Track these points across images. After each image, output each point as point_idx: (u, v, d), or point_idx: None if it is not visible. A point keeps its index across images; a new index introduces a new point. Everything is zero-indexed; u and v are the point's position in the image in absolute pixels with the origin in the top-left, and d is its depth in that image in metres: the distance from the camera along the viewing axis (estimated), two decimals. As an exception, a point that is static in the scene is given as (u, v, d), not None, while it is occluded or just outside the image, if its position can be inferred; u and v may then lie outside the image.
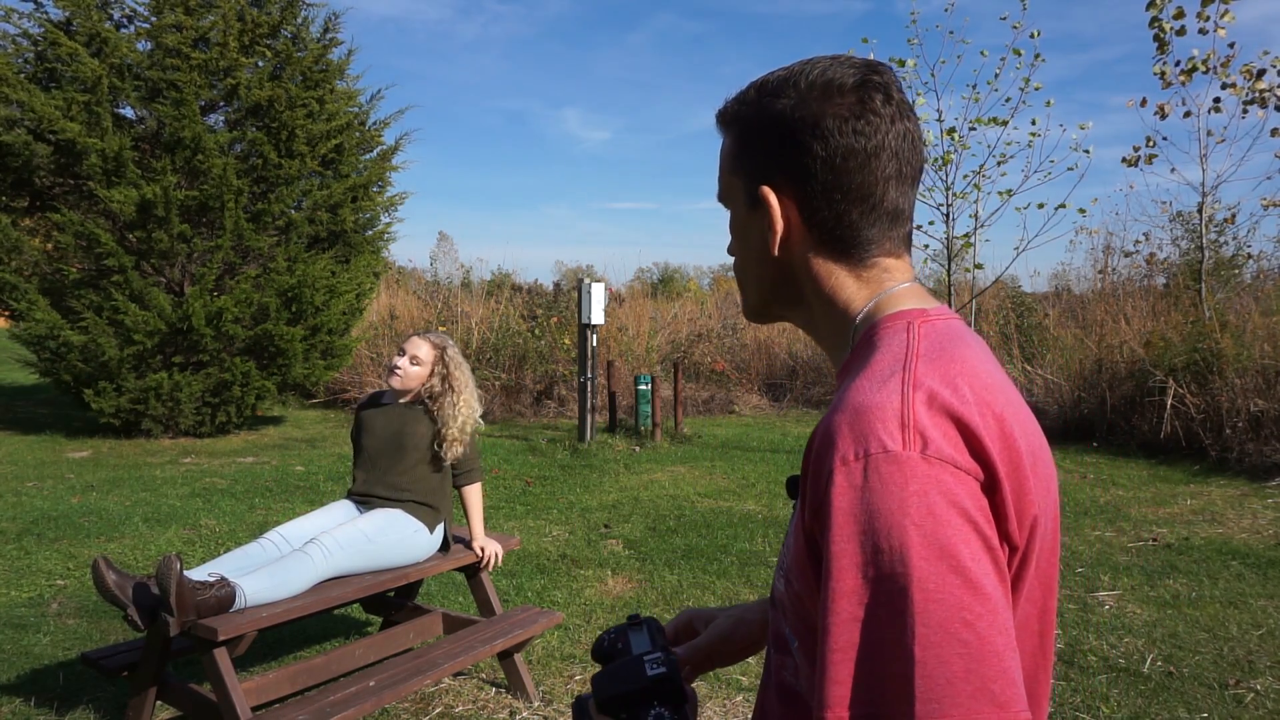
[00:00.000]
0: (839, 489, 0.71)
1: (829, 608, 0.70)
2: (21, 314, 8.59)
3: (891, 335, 0.82)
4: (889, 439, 0.71)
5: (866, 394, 0.75)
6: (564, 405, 11.20)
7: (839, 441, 0.73)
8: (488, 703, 3.30)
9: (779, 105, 0.86)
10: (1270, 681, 3.42)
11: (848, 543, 0.70)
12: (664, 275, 38.13)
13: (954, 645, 0.66)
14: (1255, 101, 8.66)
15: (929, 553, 0.68)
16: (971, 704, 0.65)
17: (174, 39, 8.63)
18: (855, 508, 0.70)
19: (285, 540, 3.03)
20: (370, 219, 10.33)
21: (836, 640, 0.69)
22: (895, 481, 0.70)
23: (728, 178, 0.93)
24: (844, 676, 0.69)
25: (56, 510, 5.95)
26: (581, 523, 5.87)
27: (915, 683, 0.65)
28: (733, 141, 0.91)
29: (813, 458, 0.76)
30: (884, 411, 0.73)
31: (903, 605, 0.67)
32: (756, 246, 0.90)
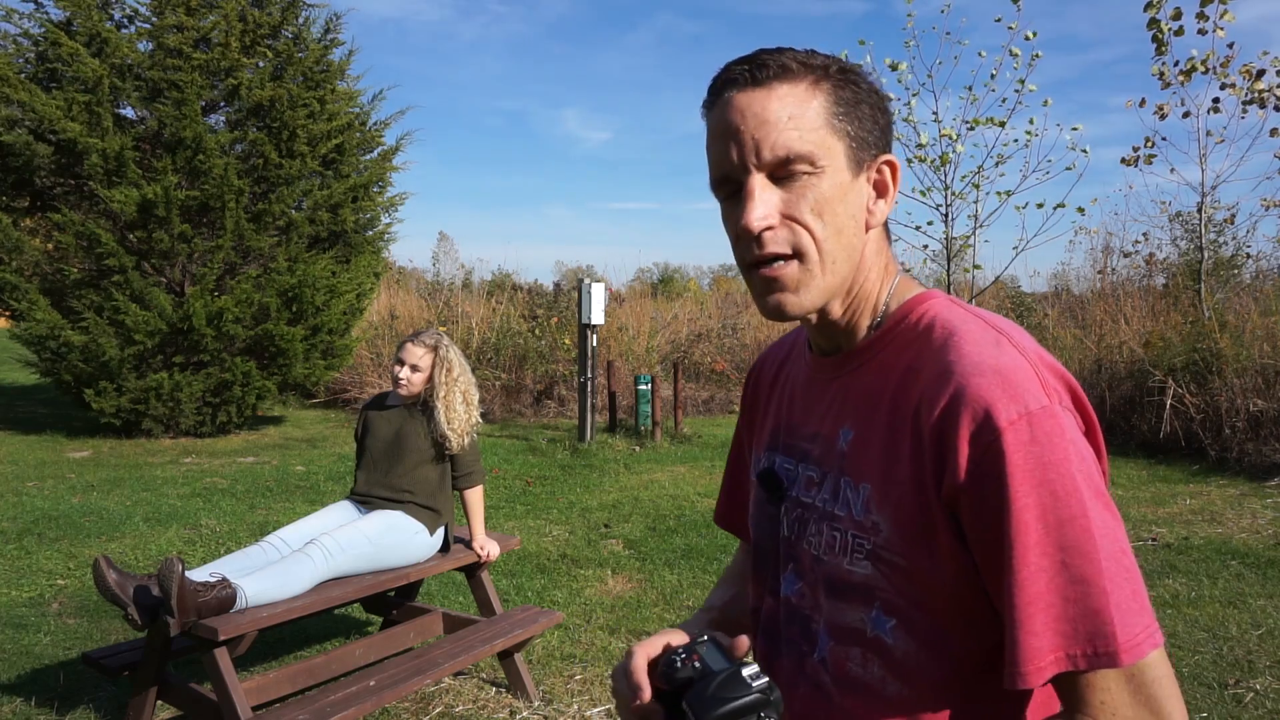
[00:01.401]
0: (1012, 446, 0.74)
1: (1015, 563, 0.73)
2: (22, 314, 8.60)
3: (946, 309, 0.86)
4: (1039, 397, 0.76)
5: (997, 357, 0.78)
6: (564, 405, 11.21)
7: (996, 403, 0.75)
8: (488, 703, 3.30)
9: (867, 84, 0.87)
10: (1270, 681, 3.43)
11: (1028, 497, 0.73)
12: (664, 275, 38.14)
13: (1124, 573, 0.73)
14: (1254, 101, 8.66)
15: (1091, 493, 0.74)
16: (1145, 618, 0.73)
17: (175, 39, 8.63)
18: (1030, 462, 0.73)
19: (286, 543, 3.03)
20: (371, 219, 10.34)
21: (1026, 594, 0.73)
22: (1056, 434, 0.75)
23: (820, 134, 0.82)
24: (1039, 627, 0.73)
25: (57, 510, 5.95)
26: (581, 523, 5.87)
27: (1111, 614, 0.72)
28: (838, 99, 0.84)
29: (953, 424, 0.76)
30: (1023, 373, 0.77)
31: (1089, 546, 0.73)
32: (854, 216, 0.85)
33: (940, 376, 0.79)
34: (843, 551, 0.84)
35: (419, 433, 3.32)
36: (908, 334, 0.86)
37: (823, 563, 0.87)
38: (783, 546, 0.94)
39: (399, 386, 3.35)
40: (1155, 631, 0.73)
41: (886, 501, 0.81)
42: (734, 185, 0.84)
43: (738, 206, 0.84)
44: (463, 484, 3.41)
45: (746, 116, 0.82)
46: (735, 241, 0.86)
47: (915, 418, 0.80)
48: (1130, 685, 0.73)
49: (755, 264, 0.84)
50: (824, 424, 0.91)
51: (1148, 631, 0.73)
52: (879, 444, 0.83)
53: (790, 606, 0.92)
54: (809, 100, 0.82)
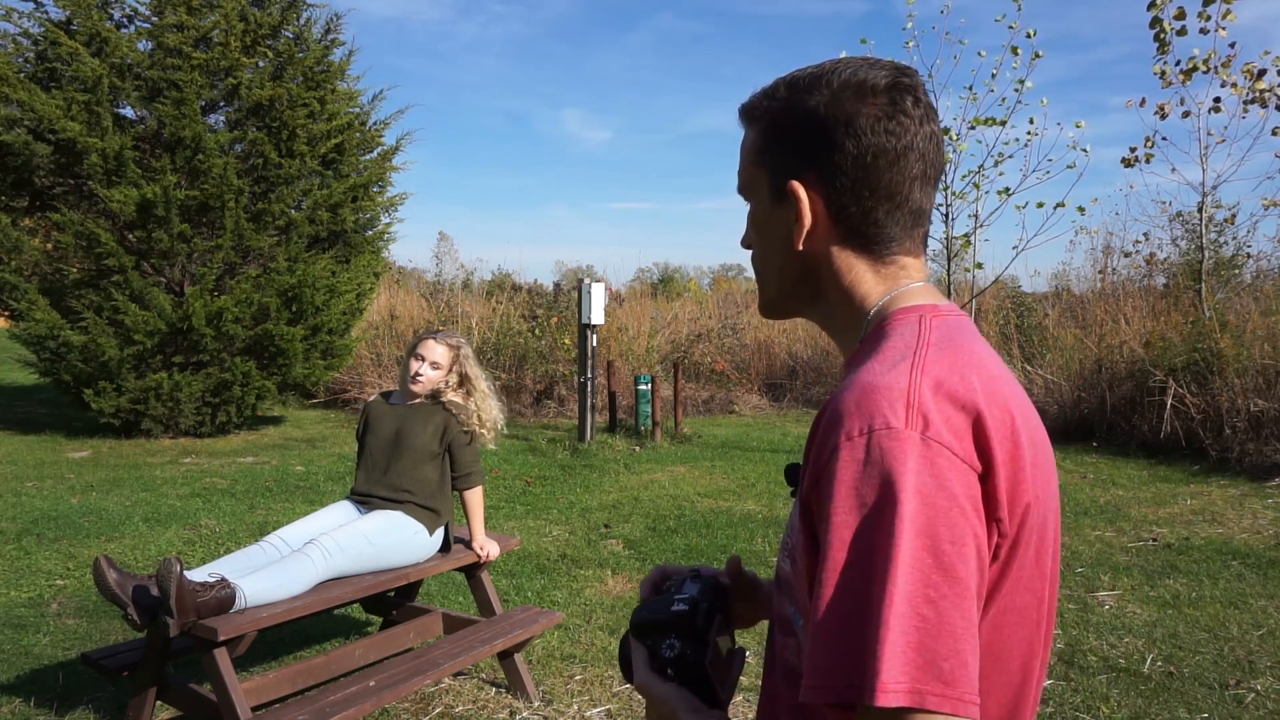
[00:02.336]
0: (842, 462, 0.73)
1: (823, 579, 0.72)
2: (21, 314, 8.59)
3: (904, 326, 0.85)
4: (893, 417, 0.74)
5: (875, 375, 0.78)
6: (564, 405, 11.20)
7: (845, 418, 0.75)
8: (488, 703, 3.30)
9: (811, 102, 0.87)
10: (1270, 682, 3.42)
11: (847, 514, 0.72)
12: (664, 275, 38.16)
13: (915, 620, 0.68)
14: (1255, 101, 8.66)
15: (914, 530, 0.70)
16: (920, 677, 0.67)
17: (175, 39, 8.63)
18: (856, 481, 0.72)
19: (286, 543, 3.03)
20: (370, 219, 10.34)
21: (825, 612, 0.72)
22: (897, 458, 0.72)
23: (751, 170, 0.93)
24: (830, 646, 0.71)
25: (56, 510, 5.95)
26: (581, 523, 5.87)
27: (882, 650, 0.68)
28: (758, 135, 0.92)
29: (818, 434, 0.79)
30: (890, 391, 0.76)
31: (884, 578, 0.69)
32: (779, 240, 0.91)
33: (839, 388, 0.82)
34: (783, 550, 0.90)
35: (420, 432, 3.31)
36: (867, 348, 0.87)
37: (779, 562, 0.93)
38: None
39: (414, 383, 3.34)
40: (928, 693, 0.67)
41: (799, 506, 0.83)
42: None
43: None
44: (462, 485, 3.40)
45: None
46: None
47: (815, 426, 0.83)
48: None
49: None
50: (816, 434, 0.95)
51: (916, 687, 0.66)
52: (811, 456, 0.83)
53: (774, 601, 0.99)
54: (751, 140, 0.93)
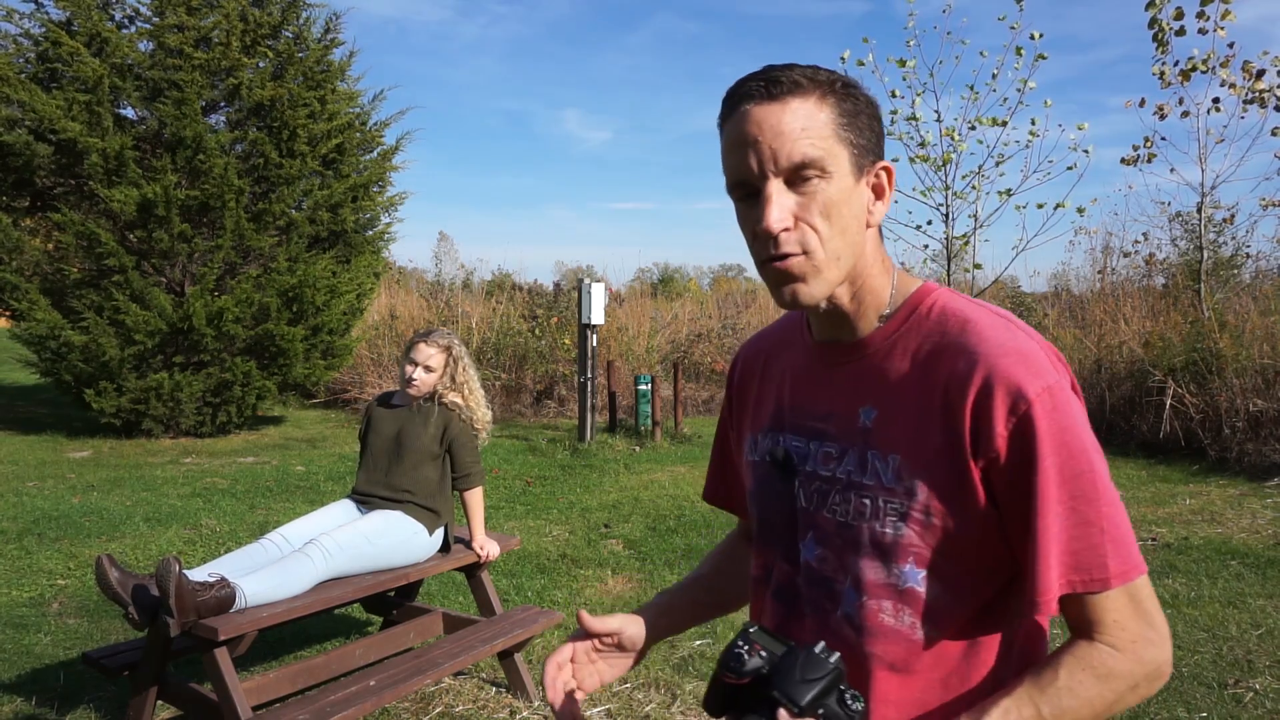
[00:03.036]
0: (1040, 414, 0.88)
1: (1039, 512, 0.88)
2: (22, 314, 8.60)
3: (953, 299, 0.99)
4: (1055, 373, 0.91)
5: (1014, 341, 0.92)
6: (564, 405, 11.21)
7: (1024, 380, 0.89)
8: (488, 702, 3.30)
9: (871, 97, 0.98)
10: (1269, 681, 3.43)
11: (1053, 456, 0.88)
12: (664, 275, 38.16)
13: (1118, 515, 0.91)
14: (1255, 101, 8.66)
15: (1095, 452, 0.91)
16: (1133, 554, 0.91)
17: (176, 39, 8.63)
18: (1053, 428, 0.88)
19: (287, 541, 3.04)
20: (371, 219, 10.35)
21: (1047, 536, 0.88)
22: (1071, 402, 0.91)
23: (828, 144, 0.92)
24: (1054, 563, 0.89)
25: (57, 510, 5.96)
26: (581, 523, 5.88)
27: (1106, 548, 0.89)
28: (838, 111, 0.93)
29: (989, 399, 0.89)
30: (1038, 353, 0.92)
31: (1094, 495, 0.89)
32: (856, 216, 0.96)
33: (969, 358, 0.92)
34: (874, 515, 0.96)
35: (421, 433, 3.31)
36: (920, 322, 0.98)
37: (851, 527, 0.97)
38: (800, 517, 1.04)
39: (410, 386, 3.35)
40: (1141, 560, 0.91)
41: (919, 468, 0.93)
42: (751, 189, 0.94)
43: (755, 209, 0.93)
44: (462, 485, 3.40)
45: (764, 128, 0.91)
46: (752, 240, 0.96)
47: (945, 394, 0.92)
48: (1131, 603, 0.91)
49: (769, 259, 0.94)
50: (838, 405, 1.02)
51: (1134, 560, 0.90)
52: (906, 419, 0.95)
53: (811, 570, 1.02)
54: (818, 113, 0.92)
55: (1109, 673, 0.90)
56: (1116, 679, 0.91)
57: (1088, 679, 0.90)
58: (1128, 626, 0.91)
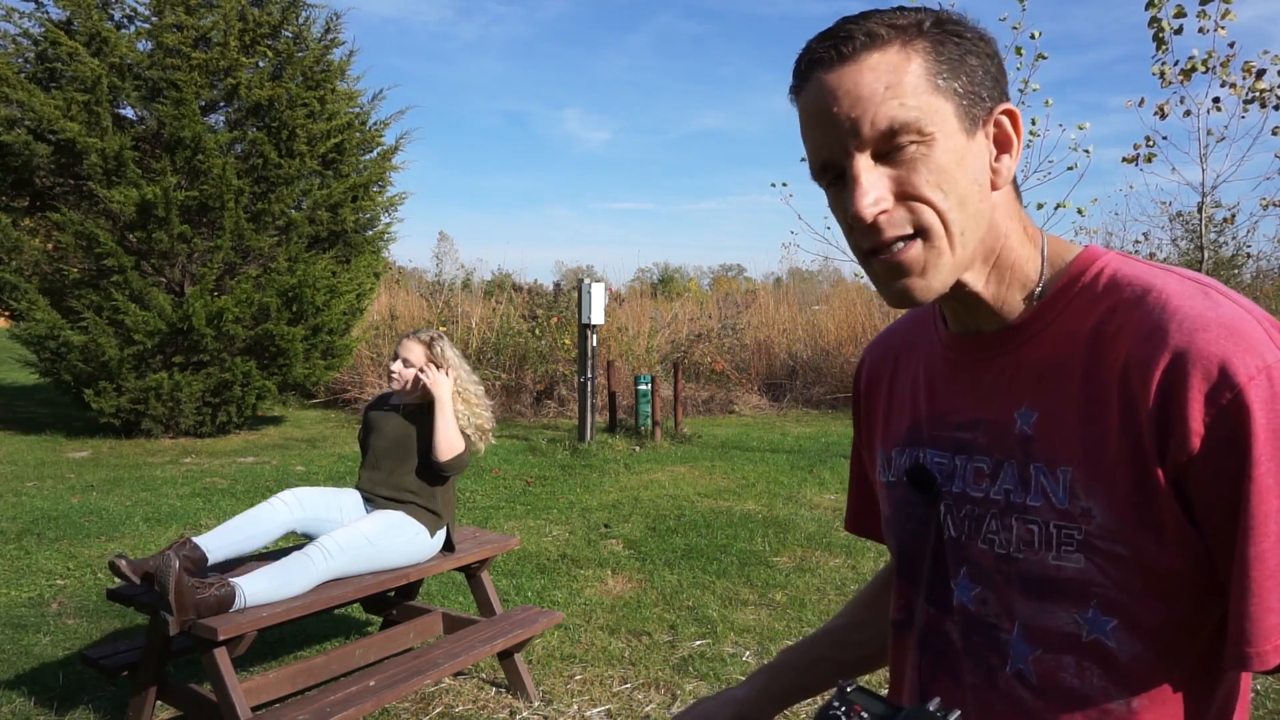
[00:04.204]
0: (1256, 403, 0.66)
1: (1254, 534, 0.66)
2: (22, 314, 8.60)
3: (1129, 266, 0.78)
4: (1275, 349, 0.68)
5: (1216, 311, 0.70)
6: (564, 405, 11.20)
7: (1232, 356, 0.67)
8: (488, 703, 3.30)
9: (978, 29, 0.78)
10: (1270, 681, 3.42)
11: (1273, 460, 0.66)
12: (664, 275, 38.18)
13: None
14: (1255, 101, 8.65)
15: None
16: None
17: (174, 39, 8.63)
18: (1275, 420, 0.66)
19: (299, 503, 3.11)
20: (370, 219, 10.34)
21: (1266, 566, 0.66)
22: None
23: (924, 98, 0.74)
24: (1277, 604, 0.66)
25: (57, 510, 5.95)
26: (581, 523, 5.87)
27: None
28: (933, 57, 0.75)
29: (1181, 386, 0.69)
30: (1251, 324, 0.69)
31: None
32: (976, 180, 0.76)
33: (1151, 336, 0.71)
34: (1045, 545, 0.76)
35: (422, 435, 3.31)
36: (1087, 296, 0.77)
37: (1015, 560, 0.78)
38: (949, 549, 0.84)
39: (393, 382, 3.36)
40: None
41: (1096, 483, 0.73)
42: (837, 171, 0.77)
43: (845, 193, 0.76)
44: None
45: (839, 96, 0.74)
46: (848, 230, 0.78)
47: (1123, 384, 0.72)
48: None
49: (873, 250, 0.77)
50: (987, 409, 0.82)
51: None
52: (1076, 421, 0.75)
53: (968, 615, 0.82)
54: (905, 65, 0.74)
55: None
56: None
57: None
58: None
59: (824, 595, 4.42)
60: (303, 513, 3.12)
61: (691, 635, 3.90)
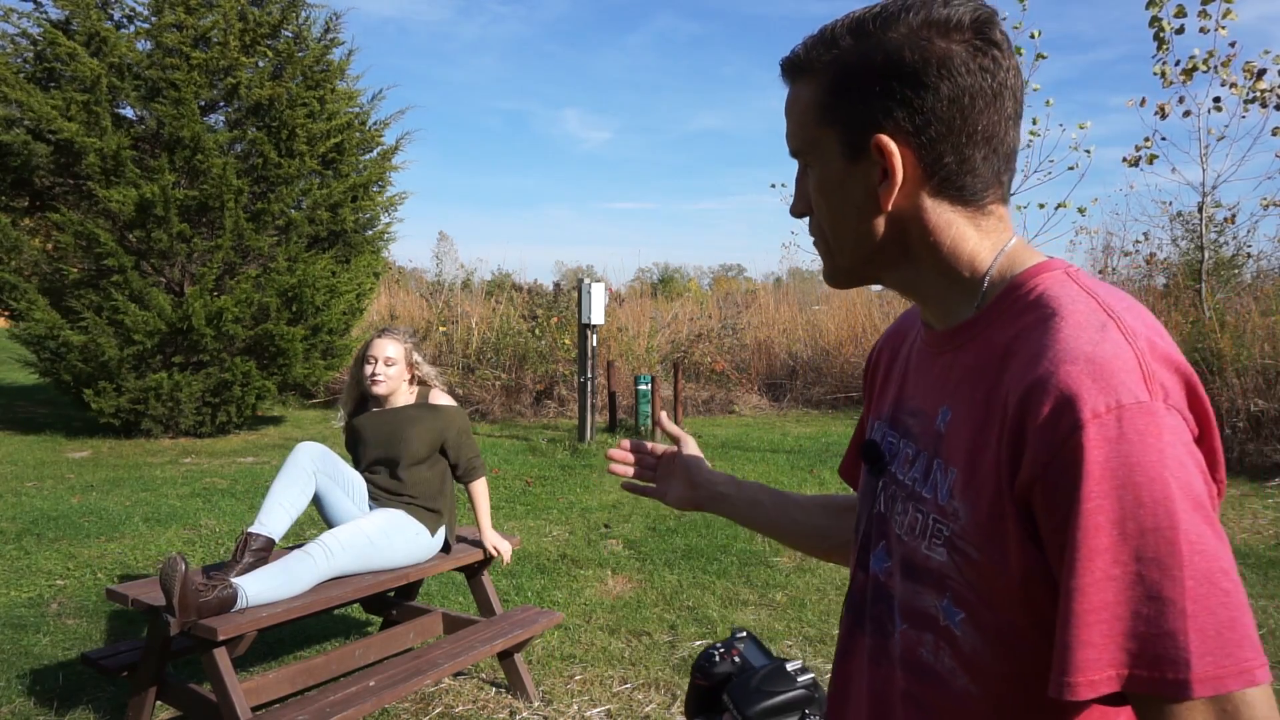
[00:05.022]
0: (1093, 442, 0.67)
1: (1078, 568, 0.67)
2: (21, 314, 8.60)
3: (1057, 285, 0.79)
4: (1139, 390, 0.69)
5: (1092, 345, 0.71)
6: (564, 405, 11.20)
7: (1083, 394, 0.68)
8: (488, 703, 3.30)
9: (891, 44, 0.79)
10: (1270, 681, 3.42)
11: (1104, 499, 0.67)
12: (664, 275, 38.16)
13: (1217, 597, 0.66)
14: (1256, 101, 8.66)
15: (1188, 504, 0.67)
16: (1239, 652, 0.65)
17: (174, 38, 8.63)
18: (1112, 461, 0.67)
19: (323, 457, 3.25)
20: (370, 219, 10.34)
21: (1088, 601, 0.67)
22: (1151, 432, 0.68)
23: (813, 131, 0.83)
24: (1097, 639, 0.67)
25: (56, 510, 5.95)
26: (581, 523, 5.87)
27: (1189, 637, 0.65)
28: (820, 90, 0.82)
29: (1034, 413, 0.71)
30: (1123, 362, 0.70)
31: (1172, 561, 0.66)
32: (858, 201, 0.83)
33: (1032, 360, 0.73)
34: (923, 534, 0.82)
35: (414, 436, 3.30)
36: (1014, 309, 0.80)
37: (904, 542, 0.85)
38: (875, 522, 0.92)
39: (376, 386, 3.32)
40: (1254, 668, 0.66)
41: (969, 489, 0.77)
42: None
43: None
44: (467, 478, 3.40)
45: (785, 111, 0.88)
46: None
47: (1004, 402, 0.75)
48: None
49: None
50: (926, 401, 0.88)
51: (1240, 666, 0.65)
52: (971, 427, 0.78)
53: (877, 583, 0.90)
54: (805, 97, 0.84)
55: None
56: None
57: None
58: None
59: (824, 595, 4.41)
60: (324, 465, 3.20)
61: (691, 635, 3.90)
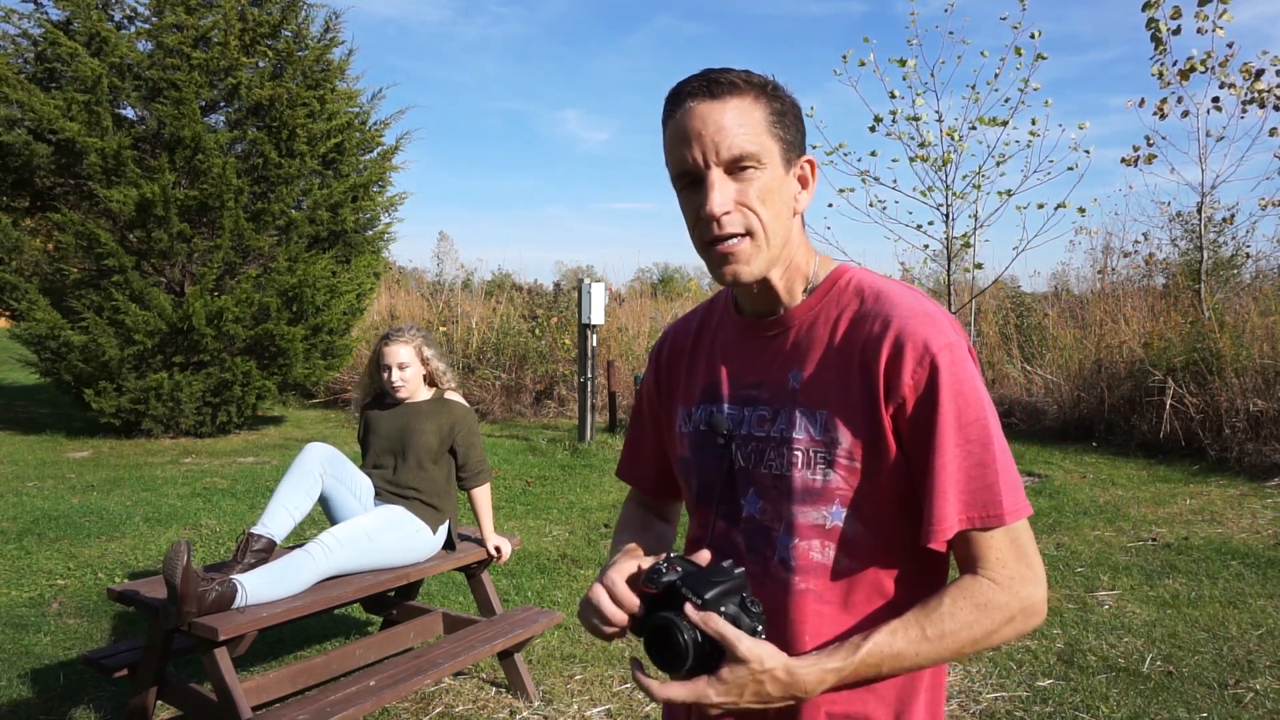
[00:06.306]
0: (942, 366, 1.01)
1: (938, 449, 1.01)
2: (22, 314, 8.60)
3: (867, 275, 1.13)
4: (956, 334, 1.05)
5: (921, 306, 1.06)
6: (564, 405, 11.20)
7: (931, 337, 1.02)
8: (488, 703, 3.30)
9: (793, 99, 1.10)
10: (1269, 681, 3.42)
11: (949, 403, 1.01)
12: (664, 275, 38.10)
13: (1008, 461, 1.04)
14: (1254, 101, 8.65)
15: (987, 403, 1.04)
16: (1020, 493, 1.04)
17: (174, 39, 8.63)
18: (952, 379, 1.01)
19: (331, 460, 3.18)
20: (370, 219, 10.34)
21: (945, 472, 1.01)
22: (965, 360, 1.04)
23: (763, 139, 1.05)
24: (952, 496, 1.01)
25: (57, 510, 5.95)
26: (581, 522, 5.87)
27: (1000, 488, 1.01)
28: (772, 110, 1.06)
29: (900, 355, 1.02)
30: (942, 317, 1.06)
31: (987, 439, 1.02)
32: (786, 203, 1.08)
33: (882, 322, 1.05)
34: (806, 465, 1.07)
35: (424, 430, 3.31)
36: (839, 295, 1.11)
37: (784, 478, 1.09)
38: (739, 476, 1.14)
39: (397, 391, 3.35)
40: (1027, 504, 1.04)
41: (843, 420, 1.05)
42: (694, 178, 1.05)
43: (698, 195, 1.05)
44: (471, 483, 3.40)
45: (707, 123, 1.03)
46: (694, 224, 1.07)
47: (862, 355, 1.05)
48: (1012, 543, 1.02)
49: (713, 241, 1.05)
50: (768, 371, 1.13)
51: (1023, 502, 1.03)
52: (831, 379, 1.07)
53: (753, 523, 1.12)
54: (754, 111, 1.04)
55: (987, 603, 1.01)
56: (994, 610, 1.01)
57: (968, 606, 1.01)
58: (1008, 564, 1.02)
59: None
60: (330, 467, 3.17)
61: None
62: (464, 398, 3.51)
